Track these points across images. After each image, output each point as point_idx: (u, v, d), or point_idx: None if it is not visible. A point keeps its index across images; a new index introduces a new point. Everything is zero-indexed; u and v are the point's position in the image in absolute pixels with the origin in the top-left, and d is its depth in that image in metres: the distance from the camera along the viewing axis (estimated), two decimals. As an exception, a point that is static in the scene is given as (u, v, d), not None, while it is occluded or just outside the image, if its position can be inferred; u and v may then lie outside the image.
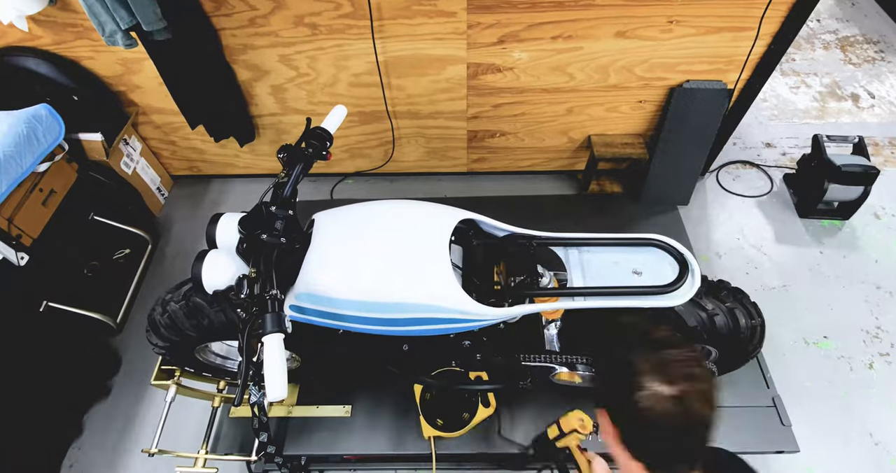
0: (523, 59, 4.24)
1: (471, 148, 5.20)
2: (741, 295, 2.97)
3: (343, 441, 3.45)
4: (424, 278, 2.44)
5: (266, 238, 2.21)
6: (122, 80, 4.49)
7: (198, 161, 5.43)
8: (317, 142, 2.59)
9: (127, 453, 3.88)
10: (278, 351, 1.93)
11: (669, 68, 4.31)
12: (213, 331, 2.84)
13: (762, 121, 6.23)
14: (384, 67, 4.32)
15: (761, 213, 5.25)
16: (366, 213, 2.65)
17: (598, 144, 4.88)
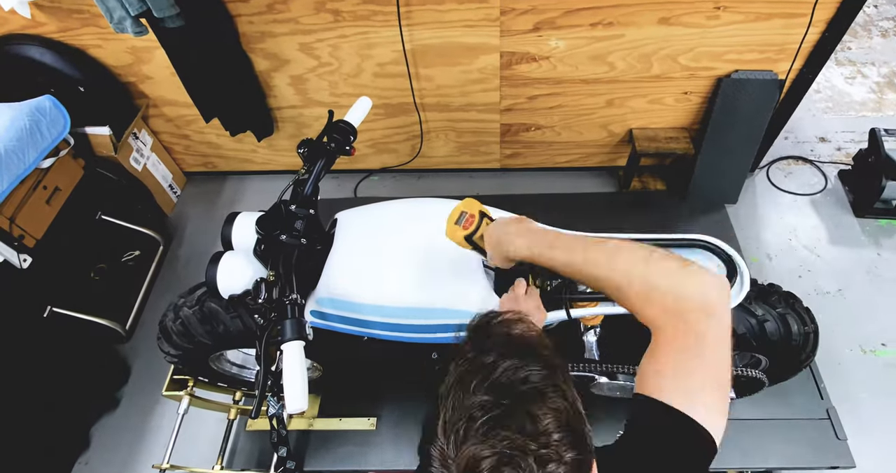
0: (560, 47, 4.19)
1: (504, 142, 5.16)
2: (793, 300, 2.86)
3: (368, 456, 3.42)
4: (455, 281, 2.39)
5: (285, 239, 2.17)
6: (131, 70, 4.46)
7: (213, 156, 5.42)
8: (340, 136, 2.54)
9: (137, 469, 3.86)
10: (298, 359, 1.90)
11: (716, 57, 4.25)
12: (228, 339, 2.77)
13: (815, 113, 6.16)
14: (411, 56, 4.26)
15: (815, 212, 5.19)
16: (392, 212, 2.62)
17: (640, 138, 4.83)
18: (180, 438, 3.07)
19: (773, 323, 2.72)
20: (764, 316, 2.72)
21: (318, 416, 3.55)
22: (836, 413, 3.48)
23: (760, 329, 2.72)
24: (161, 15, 3.47)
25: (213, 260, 2.33)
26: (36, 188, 3.86)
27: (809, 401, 3.55)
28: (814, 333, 2.81)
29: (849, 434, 3.40)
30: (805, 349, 2.82)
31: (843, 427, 3.41)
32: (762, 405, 3.51)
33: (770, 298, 2.81)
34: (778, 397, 3.53)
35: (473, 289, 2.37)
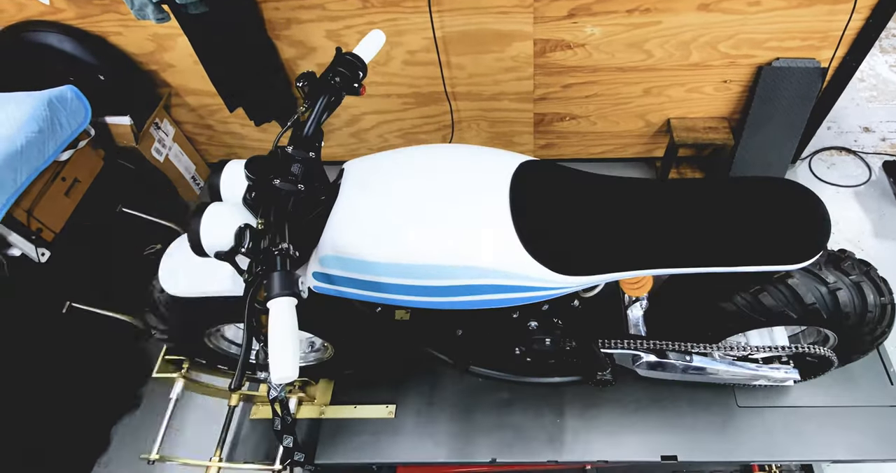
0: (596, 34, 4.19)
1: (538, 132, 5.17)
2: (867, 268, 2.66)
3: (386, 448, 3.28)
4: (479, 235, 2.22)
5: (280, 183, 1.97)
6: (153, 58, 4.49)
7: (237, 147, 5.44)
8: (347, 70, 2.36)
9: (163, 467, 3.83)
10: (287, 319, 1.69)
11: (757, 45, 4.25)
12: (223, 310, 2.64)
13: (859, 103, 6.14)
14: (442, 44, 4.26)
15: (858, 204, 5.20)
16: (407, 159, 2.43)
17: (678, 129, 4.84)
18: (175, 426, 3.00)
19: (847, 291, 2.54)
20: (836, 285, 2.53)
21: (331, 403, 3.42)
22: None
23: (832, 299, 2.54)
24: (184, 0, 3.47)
25: (197, 212, 2.02)
26: (55, 180, 3.85)
27: (878, 387, 3.36)
28: (892, 305, 2.66)
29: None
30: (881, 323, 2.68)
31: None
32: (824, 390, 3.36)
33: (842, 264, 2.60)
34: (842, 381, 3.37)
35: (501, 245, 2.21)
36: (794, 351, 2.85)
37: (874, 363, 3.42)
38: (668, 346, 2.88)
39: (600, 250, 2.34)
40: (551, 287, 2.32)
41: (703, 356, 2.94)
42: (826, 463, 3.64)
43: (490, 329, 3.00)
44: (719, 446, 3.19)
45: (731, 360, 2.99)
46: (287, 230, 1.89)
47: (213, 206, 2.03)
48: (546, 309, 2.95)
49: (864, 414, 3.27)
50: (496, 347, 3.05)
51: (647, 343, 2.90)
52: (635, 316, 3.06)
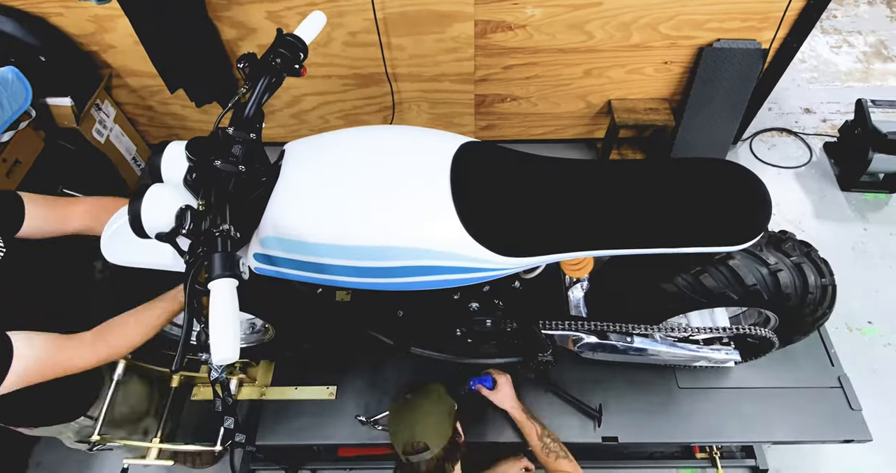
0: (537, 15, 4.19)
1: (479, 114, 5.17)
2: (808, 249, 2.68)
3: (326, 429, 3.23)
4: (420, 217, 2.22)
5: (220, 164, 1.95)
6: (94, 40, 4.43)
7: (178, 128, 5.39)
8: (287, 51, 2.35)
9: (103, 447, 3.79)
10: (228, 300, 1.70)
11: (698, 26, 4.27)
12: (164, 291, 2.54)
13: (800, 84, 6.22)
14: (383, 25, 4.23)
15: (799, 186, 5.26)
16: (348, 140, 2.42)
17: (619, 110, 4.85)
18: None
19: (788, 273, 2.55)
20: (777, 266, 2.53)
21: (272, 385, 3.39)
22: (849, 380, 3.34)
23: (773, 280, 2.54)
24: None
25: (138, 195, 1.94)
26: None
27: (819, 368, 3.40)
28: (832, 286, 2.66)
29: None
30: (821, 304, 2.68)
31: (857, 397, 3.27)
32: (766, 371, 3.38)
33: (783, 245, 2.63)
34: (783, 362, 3.40)
35: (442, 226, 2.21)
36: (735, 332, 2.87)
37: (815, 344, 3.46)
38: (608, 327, 2.90)
39: (541, 231, 2.35)
40: (492, 268, 2.33)
41: (643, 337, 2.95)
42: (766, 444, 3.69)
43: (431, 310, 2.99)
44: (660, 427, 3.20)
45: (672, 341, 3.01)
46: (228, 211, 1.87)
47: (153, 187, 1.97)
48: (487, 290, 2.96)
49: (804, 396, 3.31)
50: (437, 328, 3.07)
51: (588, 324, 2.92)
52: (576, 298, 3.09)
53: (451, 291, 2.94)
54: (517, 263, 2.34)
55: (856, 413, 3.22)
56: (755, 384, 3.35)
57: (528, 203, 2.36)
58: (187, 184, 2.03)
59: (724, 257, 2.50)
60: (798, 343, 3.07)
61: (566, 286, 3.09)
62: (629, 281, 2.84)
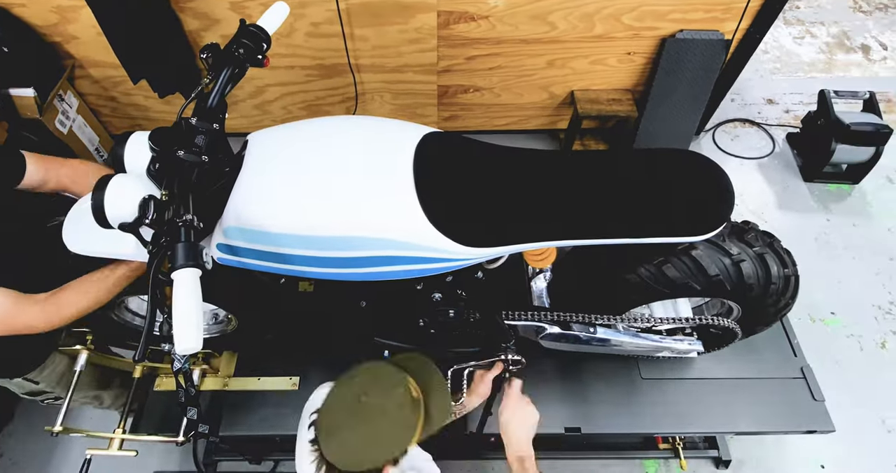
0: (500, 6, 4.18)
1: (442, 104, 5.17)
2: (771, 239, 2.68)
3: (289, 420, 3.11)
4: (381, 206, 2.21)
5: (183, 155, 1.93)
6: (56, 30, 4.37)
7: (141, 119, 5.35)
8: (250, 42, 2.34)
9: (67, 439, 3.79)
10: (191, 290, 1.69)
11: (661, 17, 4.28)
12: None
13: (763, 75, 6.26)
14: (346, 16, 4.22)
15: (762, 177, 5.29)
16: (311, 131, 2.41)
17: (581, 101, 4.86)
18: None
19: (750, 263, 2.54)
20: (740, 256, 2.52)
21: (235, 375, 3.32)
22: (812, 371, 3.31)
23: (736, 270, 2.54)
24: None
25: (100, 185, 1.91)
26: (-44, 151, 3.74)
27: (782, 359, 3.37)
28: (795, 277, 2.67)
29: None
30: (784, 295, 2.68)
31: (819, 388, 3.25)
32: (728, 362, 3.35)
33: (746, 236, 2.61)
34: (746, 353, 3.36)
35: (405, 216, 2.20)
36: (698, 322, 2.85)
37: (778, 335, 3.44)
38: (571, 318, 2.87)
39: (503, 222, 2.34)
40: (455, 258, 2.32)
41: (606, 327, 2.92)
42: (729, 435, 3.70)
43: (394, 300, 2.96)
44: (623, 418, 3.17)
45: (635, 332, 2.99)
46: (191, 201, 1.86)
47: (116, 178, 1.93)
48: (450, 280, 2.92)
49: (767, 386, 3.29)
50: (400, 319, 3.02)
51: (551, 314, 2.89)
52: (539, 288, 3.08)
53: (413, 281, 2.89)
54: (480, 253, 2.33)
55: (819, 404, 3.21)
56: (718, 375, 3.33)
57: (491, 193, 2.37)
58: (150, 174, 2.01)
59: (687, 247, 2.48)
60: (761, 333, 3.07)
61: (529, 276, 3.08)
62: (592, 271, 2.84)
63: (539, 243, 2.38)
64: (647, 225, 2.31)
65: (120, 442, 2.84)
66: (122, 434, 2.86)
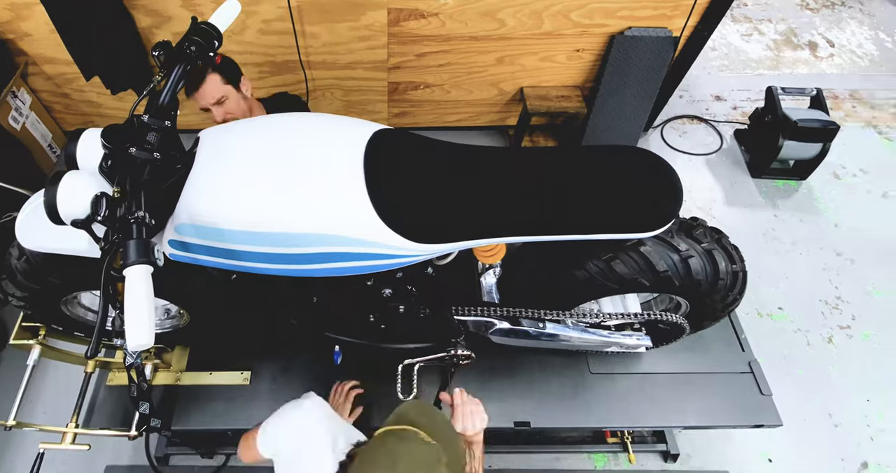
0: (449, 3, 4.19)
1: (392, 101, 5.18)
2: (719, 235, 2.68)
3: (240, 414, 3.15)
4: (332, 203, 2.18)
5: (135, 151, 1.94)
6: (10, 27, 4.35)
7: (94, 115, 5.31)
8: (202, 39, 2.35)
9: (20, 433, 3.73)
10: (143, 286, 1.67)
11: (609, 14, 4.29)
12: (79, 278, 2.53)
13: (711, 71, 6.32)
14: (297, 13, 4.22)
15: (710, 172, 5.34)
16: (262, 128, 2.38)
17: (531, 97, 4.88)
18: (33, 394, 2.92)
19: (699, 259, 2.54)
20: (688, 252, 2.52)
21: (187, 370, 3.28)
22: (760, 366, 3.30)
23: (684, 266, 2.54)
24: None
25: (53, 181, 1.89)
26: None
27: (729, 354, 3.36)
28: (742, 272, 2.67)
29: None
30: (732, 290, 2.68)
31: (767, 382, 3.24)
32: (677, 357, 3.34)
33: (694, 232, 2.61)
34: (694, 348, 3.36)
35: (355, 212, 2.18)
36: (647, 318, 2.83)
37: (726, 330, 3.43)
38: (521, 313, 2.86)
39: (453, 218, 2.33)
40: (405, 254, 2.31)
41: (555, 323, 2.94)
42: (678, 429, 3.73)
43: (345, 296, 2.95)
44: (572, 412, 3.17)
45: (584, 327, 3.00)
46: (143, 198, 1.84)
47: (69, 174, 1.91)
48: (400, 276, 2.92)
49: (715, 381, 3.29)
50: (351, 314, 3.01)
51: (501, 310, 2.89)
52: (489, 284, 3.05)
53: (364, 277, 2.90)
54: (430, 250, 2.33)
55: (766, 398, 3.21)
56: (667, 369, 3.32)
57: (441, 190, 2.35)
58: (103, 171, 1.99)
59: (636, 243, 2.49)
60: (709, 328, 3.09)
61: (479, 272, 3.07)
62: (541, 267, 2.84)
63: (488, 239, 2.39)
64: (595, 221, 2.29)
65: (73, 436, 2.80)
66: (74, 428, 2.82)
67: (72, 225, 1.88)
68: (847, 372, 4.11)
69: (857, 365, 4.15)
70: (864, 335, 4.31)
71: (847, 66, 6.36)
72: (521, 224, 2.31)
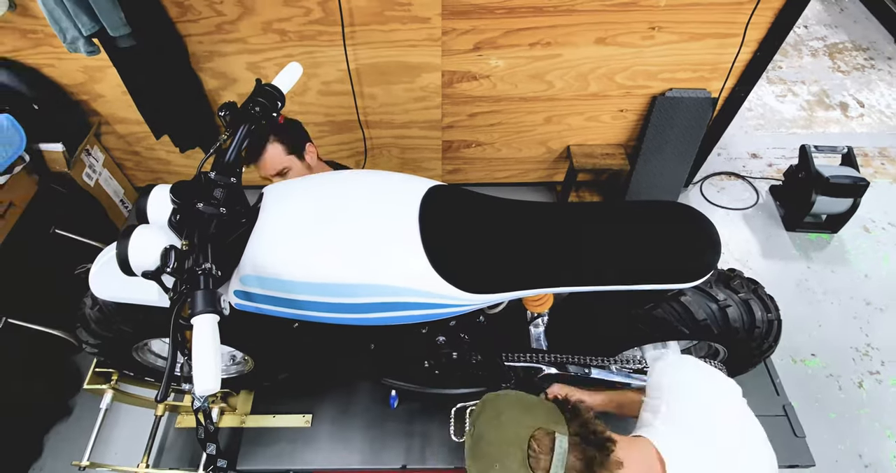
0: (500, 66, 4.30)
1: (446, 158, 5.24)
2: (755, 286, 2.71)
3: (302, 455, 3.24)
4: (389, 255, 2.25)
5: (202, 207, 2.01)
6: (84, 89, 4.48)
7: (163, 172, 5.42)
8: (266, 100, 2.40)
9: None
10: (210, 334, 1.73)
11: (651, 76, 4.36)
12: (150, 326, 2.61)
13: (748, 130, 6.34)
14: (356, 75, 4.32)
15: (747, 226, 5.35)
16: (323, 184, 2.47)
17: (577, 155, 4.93)
18: (106, 435, 2.96)
19: (736, 308, 2.57)
20: (726, 302, 2.55)
21: (251, 413, 3.36)
22: (794, 409, 3.33)
23: (722, 315, 2.56)
24: (115, 34, 3.48)
25: (125, 235, 1.99)
26: (-9, 203, 3.76)
27: (765, 397, 3.38)
28: (777, 321, 2.68)
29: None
30: (768, 338, 2.69)
31: (801, 424, 3.27)
32: None
33: (732, 282, 2.65)
34: None
35: (411, 264, 2.25)
36: (686, 364, 2.86)
37: (761, 375, 3.48)
38: (568, 359, 2.94)
39: (504, 270, 2.40)
40: (458, 304, 2.37)
41: (601, 368, 2.95)
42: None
43: (401, 343, 3.04)
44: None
45: (628, 372, 3.00)
46: (210, 251, 1.92)
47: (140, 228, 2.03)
48: (453, 324, 2.97)
49: (752, 424, 3.29)
50: (407, 360, 3.09)
51: (549, 356, 2.95)
52: (537, 331, 3.13)
53: (419, 325, 2.96)
54: (481, 299, 2.38)
55: (800, 440, 3.24)
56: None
57: (492, 243, 2.43)
58: (171, 225, 2.08)
59: (677, 294, 2.54)
60: (746, 374, 3.06)
61: (528, 320, 3.13)
62: (587, 316, 2.91)
63: (537, 289, 2.42)
64: (638, 272, 2.36)
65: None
66: (145, 468, 2.95)
67: (142, 276, 1.95)
68: (877, 415, 4.11)
69: (886, 409, 4.16)
70: (892, 380, 4.32)
71: (876, 125, 6.38)
72: (568, 275, 2.38)
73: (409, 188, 2.44)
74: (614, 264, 2.37)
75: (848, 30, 7.66)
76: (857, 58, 7.25)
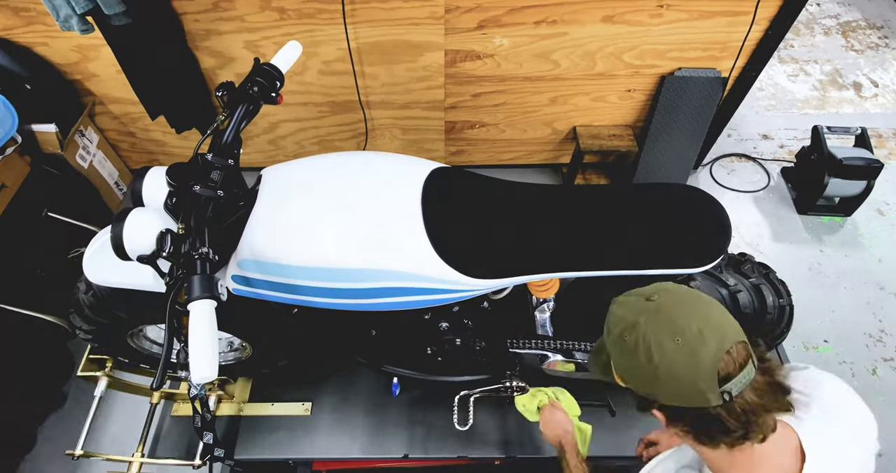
0: (505, 45, 4.20)
1: (449, 140, 5.18)
2: (767, 271, 2.73)
3: (301, 444, 3.23)
4: (391, 239, 2.23)
5: (199, 190, 1.96)
6: (77, 68, 4.39)
7: (158, 153, 5.35)
8: (264, 80, 2.34)
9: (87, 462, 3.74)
10: (207, 320, 1.70)
11: (660, 55, 4.29)
12: (145, 312, 2.59)
13: (759, 111, 6.25)
14: (356, 54, 4.24)
15: (758, 209, 5.28)
16: (323, 166, 2.44)
17: (583, 136, 4.86)
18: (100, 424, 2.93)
19: (747, 294, 2.57)
20: (736, 287, 2.56)
21: (249, 401, 3.35)
22: None
23: (732, 300, 2.57)
24: (110, 11, 3.41)
25: (119, 218, 1.96)
26: (-19, 185, 3.73)
27: None
28: (789, 306, 2.68)
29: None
30: (779, 324, 2.69)
31: None
32: None
33: (742, 267, 2.67)
34: None
35: (414, 248, 2.23)
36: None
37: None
38: (574, 346, 2.88)
39: (508, 254, 2.35)
40: (462, 289, 2.34)
41: None
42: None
43: (403, 329, 3.01)
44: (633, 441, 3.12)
45: None
46: (207, 234, 1.88)
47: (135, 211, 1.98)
48: (457, 310, 2.95)
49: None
50: (409, 347, 3.04)
51: (554, 343, 2.90)
52: (542, 317, 3.06)
53: (422, 311, 2.93)
54: (485, 285, 2.35)
55: None
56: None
57: (496, 226, 2.38)
58: (167, 208, 2.06)
59: (686, 279, 2.49)
60: None
61: (533, 306, 3.06)
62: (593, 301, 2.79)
63: (542, 275, 2.40)
64: (646, 257, 2.32)
65: (139, 466, 2.89)
66: (140, 457, 2.90)
67: (137, 260, 1.92)
68: (892, 402, 4.06)
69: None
70: (906, 367, 4.27)
71: (891, 105, 6.29)
72: (575, 260, 2.35)
73: (411, 170, 2.43)
74: (621, 248, 2.33)
75: (861, 7, 7.57)
76: (871, 36, 7.17)
